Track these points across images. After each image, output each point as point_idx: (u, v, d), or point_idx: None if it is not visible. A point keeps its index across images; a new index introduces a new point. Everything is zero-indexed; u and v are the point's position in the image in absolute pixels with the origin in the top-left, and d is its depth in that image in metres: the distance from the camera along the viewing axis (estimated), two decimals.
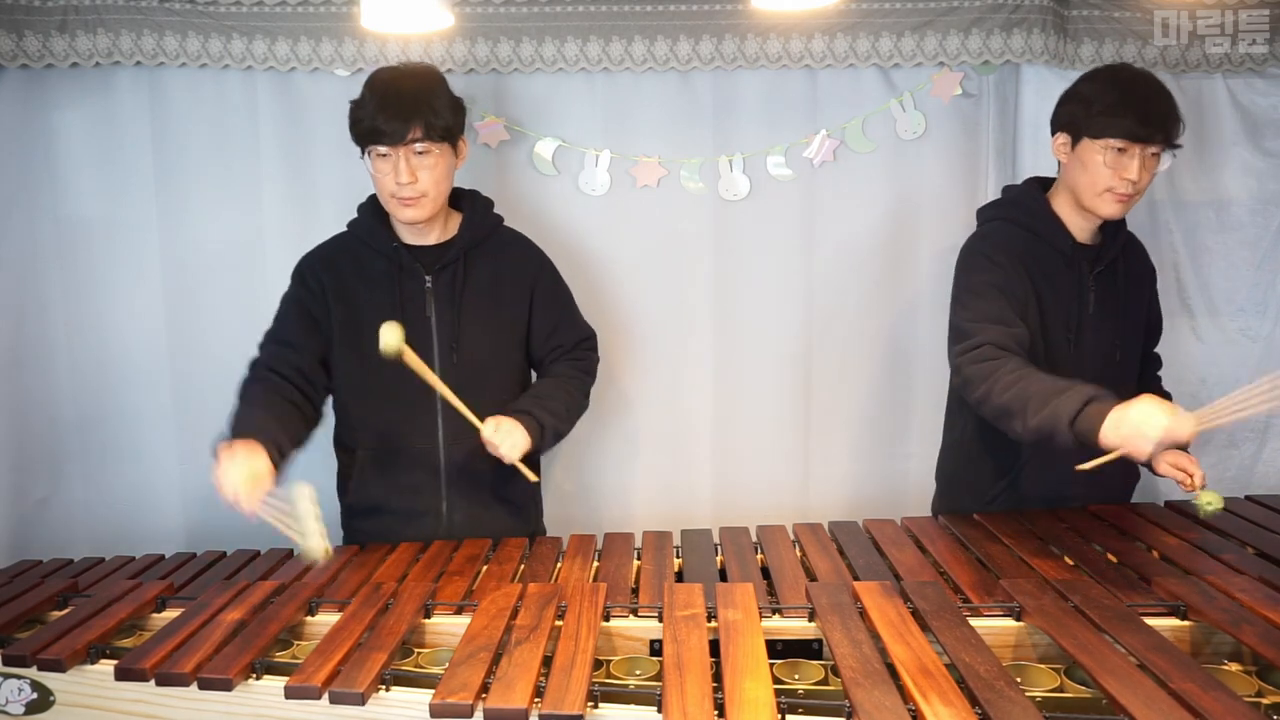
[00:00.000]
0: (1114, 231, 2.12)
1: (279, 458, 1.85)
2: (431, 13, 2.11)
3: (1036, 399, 1.81)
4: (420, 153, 2.00)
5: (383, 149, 1.99)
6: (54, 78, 2.53)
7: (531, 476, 2.10)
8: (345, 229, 2.19)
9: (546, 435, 2.06)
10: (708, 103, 2.63)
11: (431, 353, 2.09)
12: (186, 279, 2.63)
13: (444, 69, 2.55)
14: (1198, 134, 2.71)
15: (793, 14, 2.52)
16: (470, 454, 2.09)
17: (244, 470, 1.72)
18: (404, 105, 1.97)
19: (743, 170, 2.66)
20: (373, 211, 2.14)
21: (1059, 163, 2.11)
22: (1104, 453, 1.75)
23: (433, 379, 1.97)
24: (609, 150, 2.63)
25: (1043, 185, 2.16)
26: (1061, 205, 2.10)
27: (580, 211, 2.66)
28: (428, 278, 2.10)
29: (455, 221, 2.15)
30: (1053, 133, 2.10)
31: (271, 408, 1.98)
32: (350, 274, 2.12)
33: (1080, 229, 2.10)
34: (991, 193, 2.65)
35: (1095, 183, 2.01)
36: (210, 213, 2.62)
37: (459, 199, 2.18)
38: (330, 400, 2.19)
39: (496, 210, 2.24)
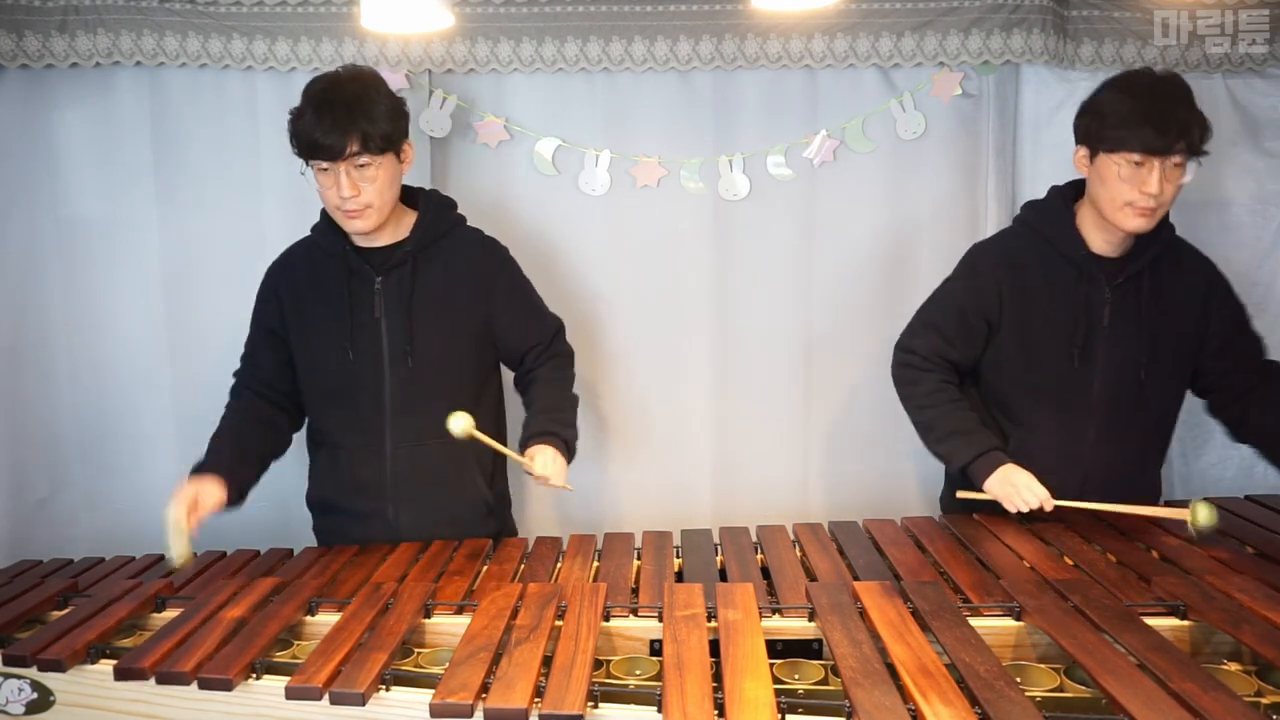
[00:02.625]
0: (1144, 244, 2.02)
1: (235, 488, 2.04)
2: (431, 13, 2.10)
3: (939, 429, 2.09)
4: (361, 166, 1.96)
5: (323, 164, 1.96)
6: (54, 78, 2.53)
7: (566, 489, 2.09)
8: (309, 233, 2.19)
9: (573, 451, 2.11)
10: (708, 103, 2.63)
11: (381, 356, 2.08)
12: (186, 279, 2.64)
13: (444, 69, 2.56)
14: None
15: (793, 14, 2.52)
16: (417, 457, 2.10)
17: (191, 494, 1.97)
18: (340, 119, 1.92)
19: (743, 170, 2.66)
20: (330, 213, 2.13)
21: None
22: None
23: (499, 447, 2.08)
24: (609, 150, 2.63)
25: (1079, 189, 2.09)
26: (1086, 216, 2.04)
27: (580, 211, 2.66)
28: (378, 280, 2.08)
29: (409, 221, 2.11)
30: (1076, 145, 2.03)
31: (239, 437, 2.13)
32: (304, 279, 2.14)
33: (1104, 241, 2.03)
34: (992, 193, 2.66)
35: (1114, 197, 1.93)
36: (210, 213, 2.62)
37: (415, 198, 2.15)
38: None
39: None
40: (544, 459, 2.01)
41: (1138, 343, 2.04)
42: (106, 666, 1.53)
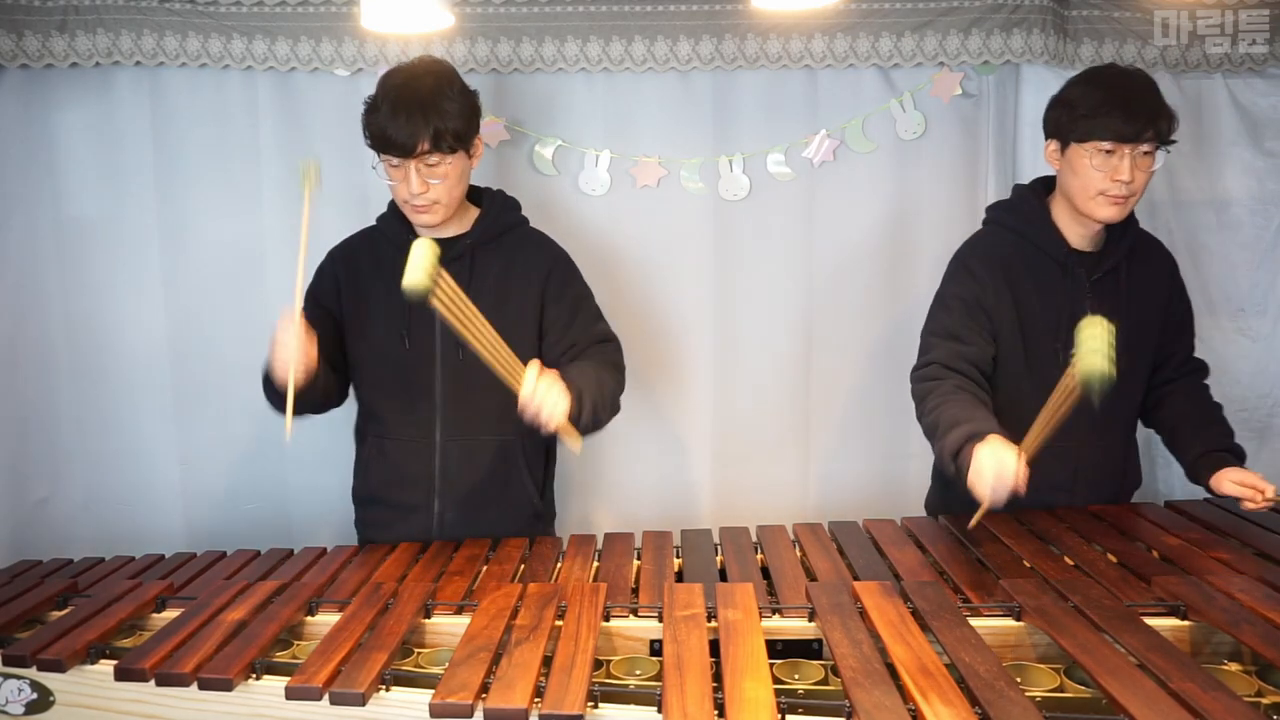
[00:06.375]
0: (1118, 237, 2.07)
1: (323, 359, 1.99)
2: (431, 13, 2.10)
3: (943, 425, 1.86)
4: (431, 165, 1.97)
5: (394, 160, 1.98)
6: (54, 78, 2.53)
7: (573, 443, 1.91)
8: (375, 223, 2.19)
9: (585, 407, 1.89)
10: (708, 103, 2.63)
11: (434, 347, 2.08)
12: (186, 279, 2.64)
13: None
14: (1197, 134, 2.71)
15: (793, 14, 2.52)
16: (467, 452, 2.10)
17: (297, 338, 1.88)
18: (414, 116, 1.93)
19: (743, 170, 2.66)
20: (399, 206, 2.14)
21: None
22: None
23: (466, 333, 1.82)
24: (609, 150, 2.63)
25: (1049, 186, 2.13)
26: (1060, 210, 2.08)
27: (580, 211, 2.66)
28: None
29: (472, 216, 2.13)
30: (1045, 139, 2.08)
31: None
32: (367, 266, 2.15)
33: (1079, 235, 2.07)
34: (992, 193, 2.65)
35: (1087, 187, 1.98)
36: (210, 213, 2.62)
37: (480, 195, 2.17)
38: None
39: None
40: (532, 384, 1.80)
41: (1118, 336, 2.05)
42: (106, 667, 1.53)
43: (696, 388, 2.75)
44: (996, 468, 1.69)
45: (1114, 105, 1.93)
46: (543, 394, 1.81)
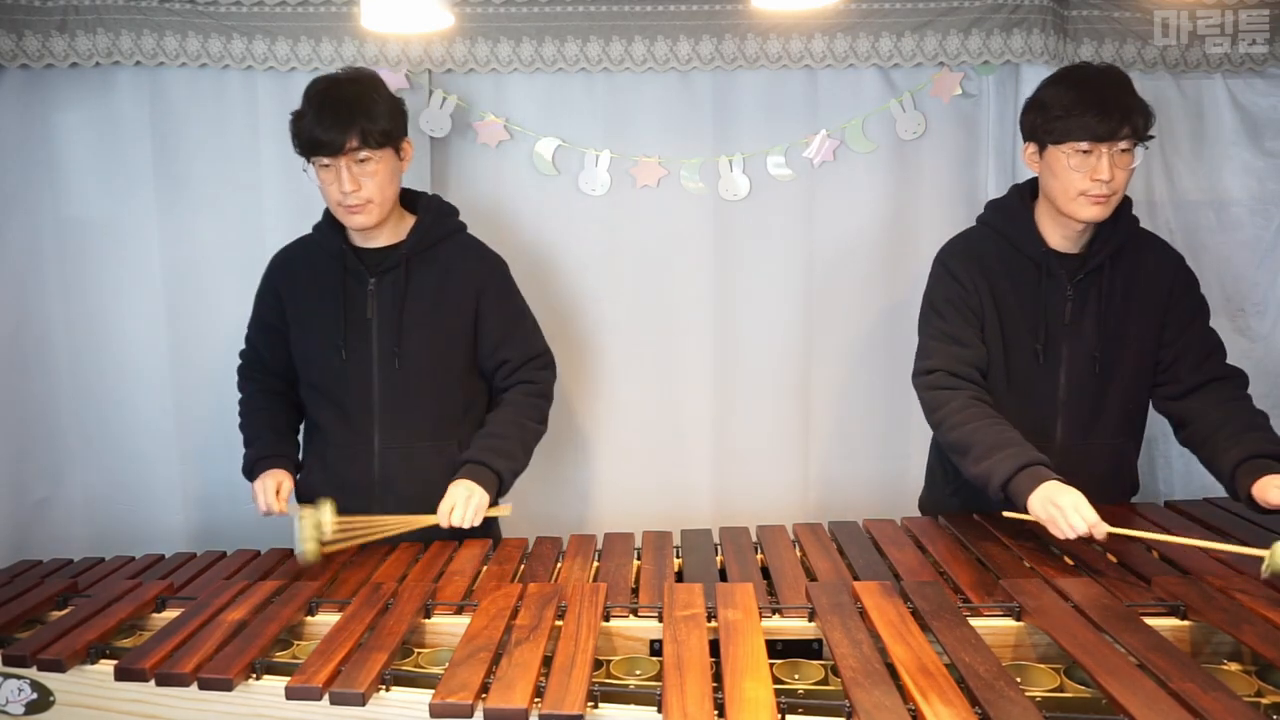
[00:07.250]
0: (1105, 237, 2.04)
1: (293, 464, 2.17)
2: (431, 13, 2.10)
3: (979, 448, 1.90)
4: (361, 160, 1.99)
5: (324, 160, 2.00)
6: (54, 78, 2.53)
7: (503, 512, 2.08)
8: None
9: (505, 483, 2.08)
10: (708, 103, 2.64)
11: (371, 356, 2.10)
12: (186, 279, 2.64)
13: (444, 69, 2.56)
14: (1198, 134, 2.71)
15: (793, 14, 2.52)
16: (405, 458, 2.12)
17: (273, 488, 2.08)
18: (341, 114, 1.97)
19: (743, 170, 2.66)
20: (331, 212, 2.15)
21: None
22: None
23: (372, 526, 1.99)
24: (609, 150, 2.63)
25: (1036, 188, 2.10)
26: (1043, 211, 2.06)
27: (580, 211, 2.66)
28: (371, 280, 2.10)
29: (408, 224, 2.14)
30: (1024, 143, 2.06)
31: (273, 419, 2.21)
32: (303, 275, 2.17)
33: (1061, 236, 2.04)
34: (992, 193, 2.65)
35: (1067, 188, 1.95)
36: (210, 213, 2.62)
37: (416, 203, 2.18)
38: None
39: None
40: (448, 502, 1.99)
41: (1100, 337, 2.05)
42: (106, 667, 1.53)
43: (696, 388, 2.75)
44: (1073, 505, 1.75)
45: (1088, 105, 1.91)
46: (459, 516, 1.97)
